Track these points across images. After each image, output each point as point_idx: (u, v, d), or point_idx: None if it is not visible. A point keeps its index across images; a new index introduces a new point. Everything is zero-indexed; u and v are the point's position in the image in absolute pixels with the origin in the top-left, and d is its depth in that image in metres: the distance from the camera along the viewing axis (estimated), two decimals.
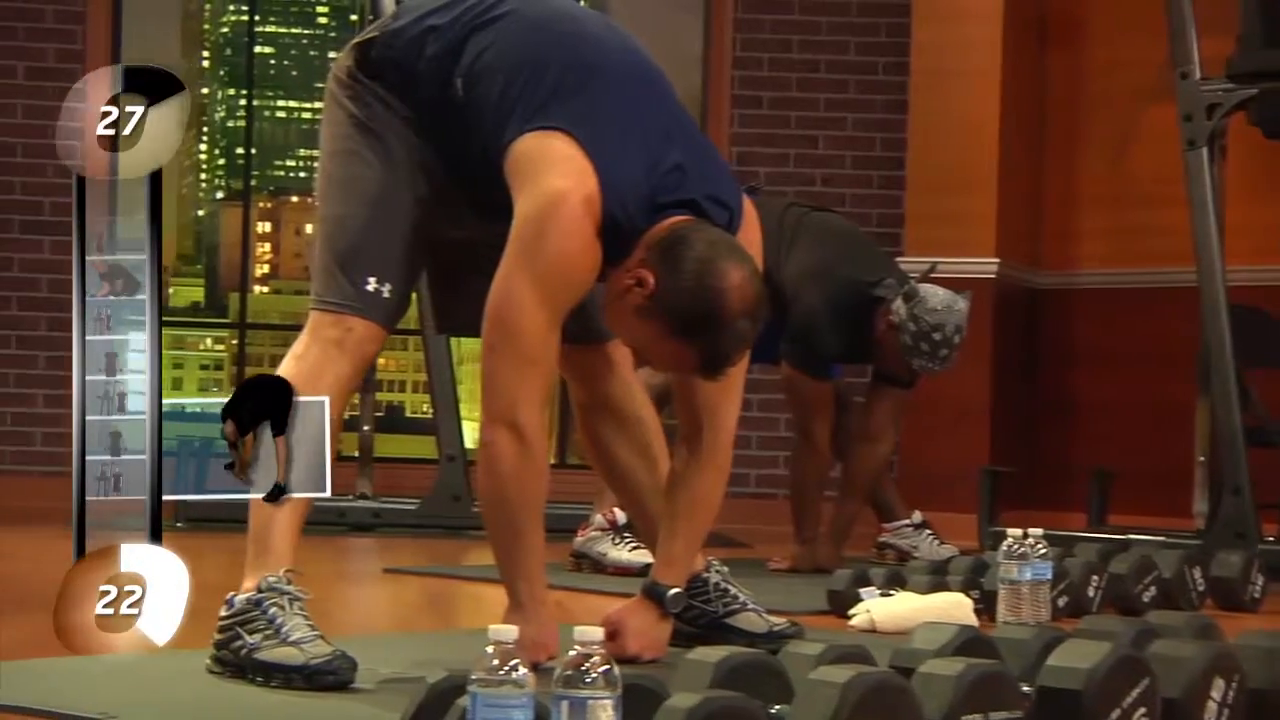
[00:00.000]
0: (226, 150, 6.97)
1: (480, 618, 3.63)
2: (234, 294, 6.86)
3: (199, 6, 6.93)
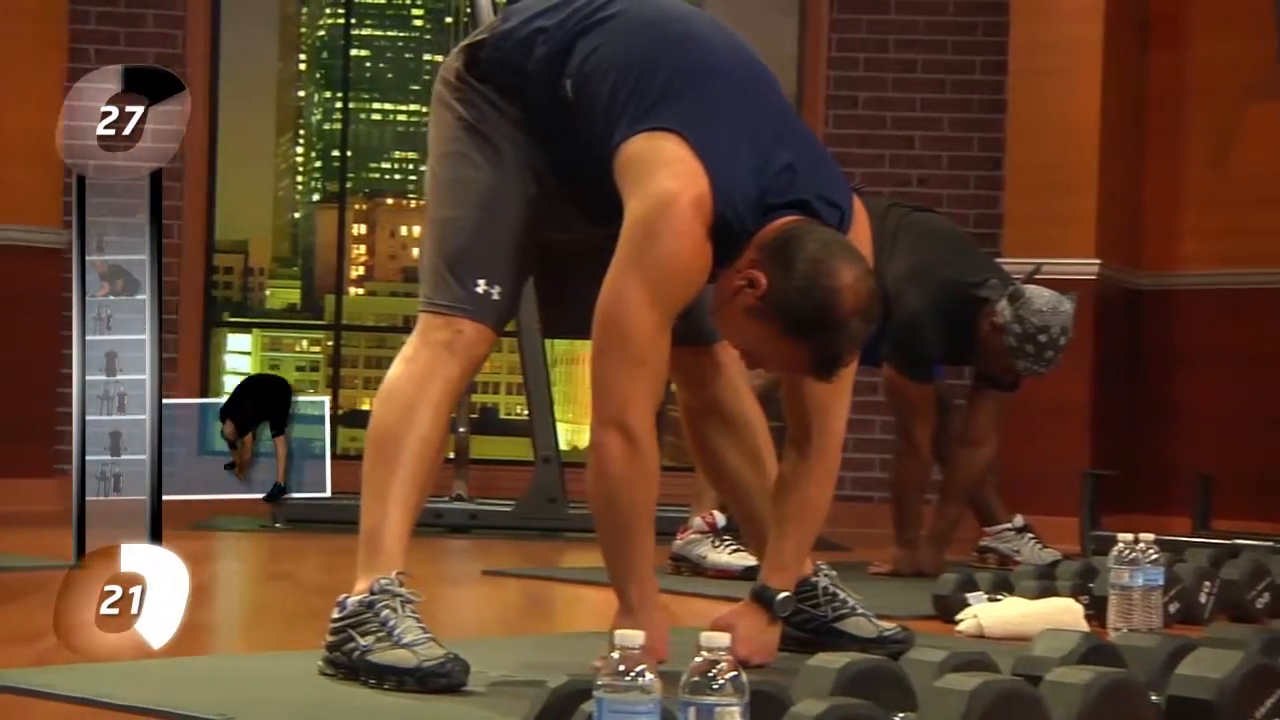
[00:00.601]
0: (322, 153, 7.02)
1: (583, 620, 3.63)
2: (329, 296, 6.90)
3: (296, 10, 6.98)
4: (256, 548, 5.05)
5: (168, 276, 6.48)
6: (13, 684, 2.38)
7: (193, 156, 6.51)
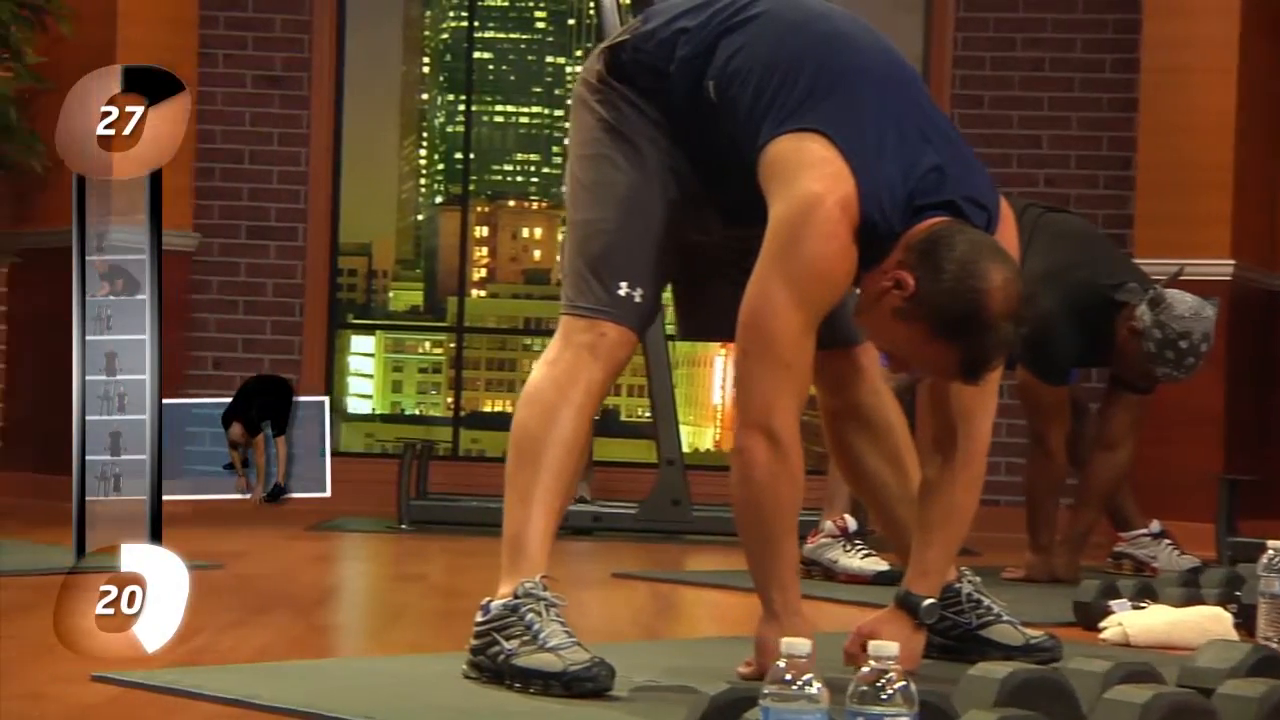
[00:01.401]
0: (445, 155, 7.05)
1: (718, 625, 3.61)
2: (452, 298, 6.93)
3: (420, 13, 7.02)
4: (383, 549, 5.07)
5: (294, 279, 6.55)
6: (162, 684, 2.40)
7: (317, 160, 6.57)
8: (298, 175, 6.57)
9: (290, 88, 6.55)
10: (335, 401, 6.73)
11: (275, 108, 6.55)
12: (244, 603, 3.49)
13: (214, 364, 6.53)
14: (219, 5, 6.45)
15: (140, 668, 2.53)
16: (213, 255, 6.47)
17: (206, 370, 6.50)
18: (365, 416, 6.92)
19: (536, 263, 7.43)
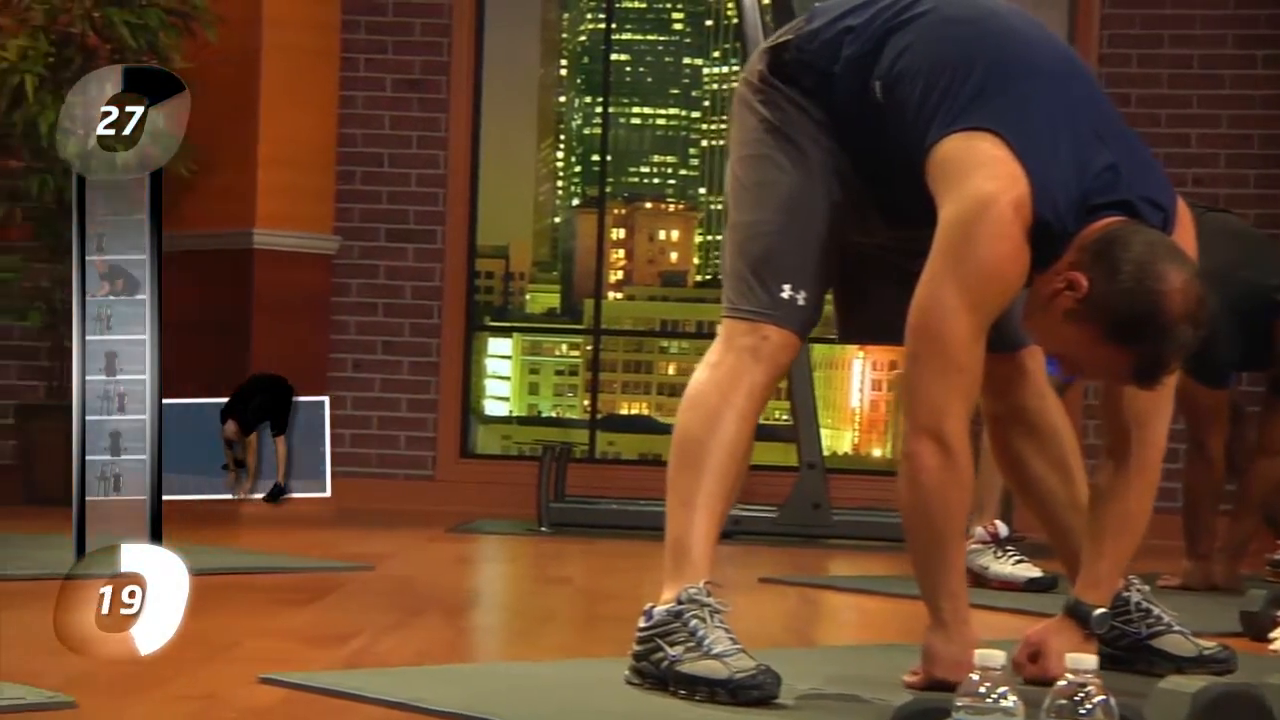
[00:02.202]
0: (582, 157, 7.05)
1: (872, 632, 3.56)
2: (588, 300, 6.92)
3: (557, 16, 7.03)
4: (525, 551, 5.07)
5: (432, 281, 6.59)
6: (327, 686, 2.41)
7: (455, 162, 6.60)
8: (436, 178, 6.61)
9: (429, 91, 6.59)
10: (472, 404, 6.75)
11: (414, 111, 6.59)
12: (397, 605, 3.50)
13: (354, 365, 6.58)
14: (360, 10, 6.50)
15: (304, 669, 2.55)
16: (353, 258, 6.53)
17: (346, 372, 6.56)
18: (502, 419, 6.94)
19: (673, 265, 7.41)
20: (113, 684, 2.42)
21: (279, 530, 5.31)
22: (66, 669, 2.50)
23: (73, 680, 2.39)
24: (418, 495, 6.52)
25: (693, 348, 7.47)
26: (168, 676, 2.49)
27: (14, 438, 5.98)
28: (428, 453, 6.62)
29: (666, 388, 7.28)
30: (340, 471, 6.48)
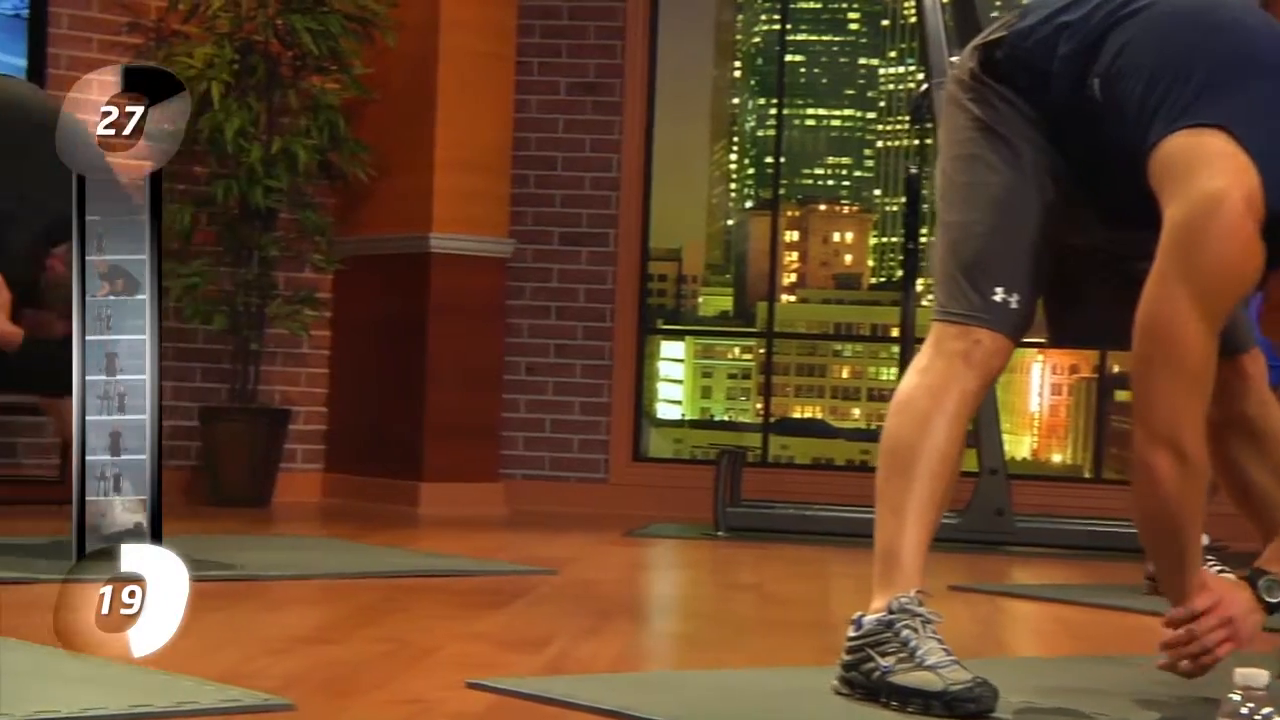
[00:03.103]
0: (756, 159, 7.01)
1: (1074, 642, 3.48)
2: (762, 303, 6.89)
3: (731, 18, 6.99)
4: (705, 556, 5.04)
5: (605, 284, 6.59)
6: (535, 692, 2.40)
7: (629, 165, 6.60)
8: (609, 181, 6.61)
9: (603, 94, 6.59)
10: (644, 407, 6.74)
11: (588, 114, 6.60)
12: (589, 609, 3.49)
13: (526, 369, 6.61)
14: (535, 14, 6.52)
15: (506, 674, 2.54)
16: (526, 261, 6.55)
17: (519, 375, 6.58)
18: (674, 422, 6.92)
19: (847, 267, 7.34)
20: (326, 687, 2.43)
21: (456, 532, 5.34)
22: (277, 671, 2.53)
23: (285, 682, 2.41)
24: (590, 498, 6.53)
25: (867, 351, 7.41)
26: (378, 680, 2.50)
27: (199, 439, 6.08)
28: (600, 456, 6.62)
29: (840, 391, 7.22)
30: (513, 474, 6.53)
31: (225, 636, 2.89)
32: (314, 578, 3.76)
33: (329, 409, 6.49)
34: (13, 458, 5.82)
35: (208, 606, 3.17)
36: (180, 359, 6.17)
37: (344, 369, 6.46)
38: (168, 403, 6.14)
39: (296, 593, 3.53)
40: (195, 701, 2.19)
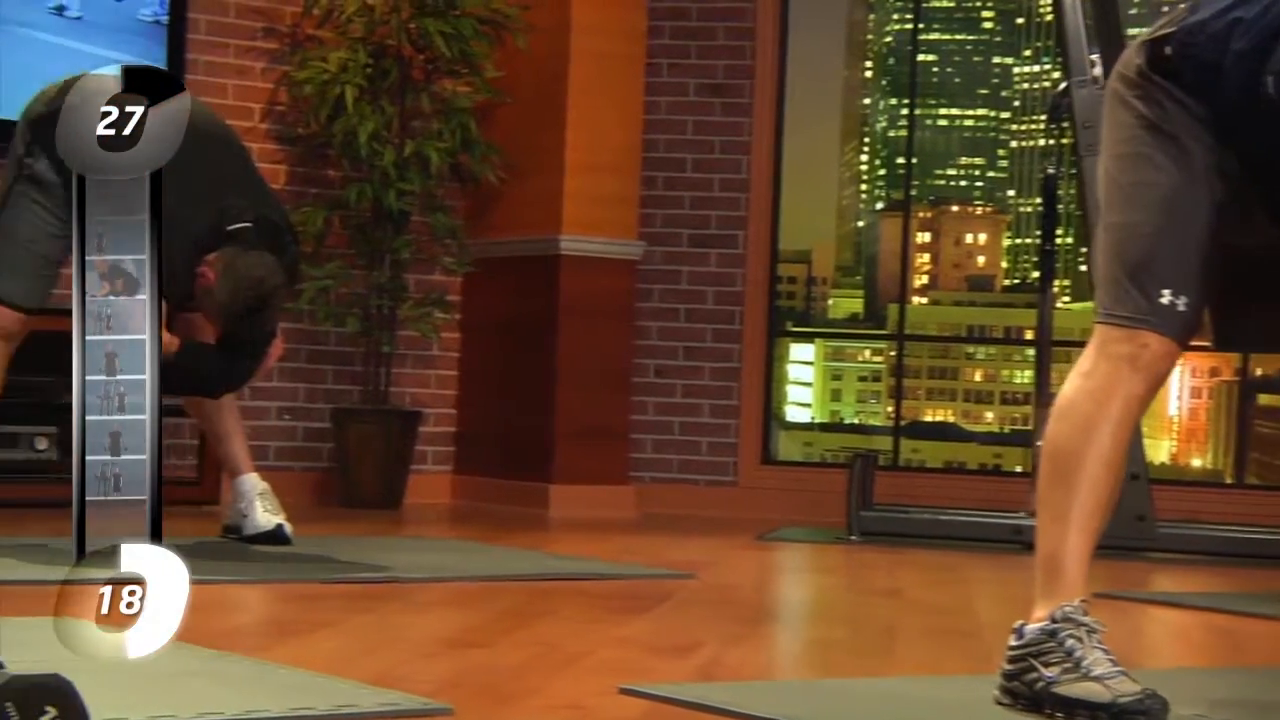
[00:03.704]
0: (887, 160, 6.95)
1: (1236, 654, 3.39)
2: (892, 305, 6.82)
3: (863, 17, 6.93)
4: (841, 561, 4.99)
5: (734, 286, 6.55)
6: (691, 699, 2.37)
7: (758, 166, 6.56)
8: (738, 183, 6.58)
9: (732, 95, 6.56)
10: (774, 409, 6.70)
11: (717, 115, 6.57)
12: (731, 615, 3.46)
13: (655, 372, 6.59)
14: (665, 15, 6.50)
15: (658, 680, 2.52)
16: (655, 263, 6.53)
17: (648, 378, 6.57)
18: (803, 425, 6.87)
19: (980, 269, 7.25)
20: (482, 691, 2.42)
21: (586, 535, 5.33)
22: (430, 674, 2.52)
23: (440, 686, 2.40)
24: (719, 501, 6.50)
25: (1000, 354, 7.31)
26: (532, 685, 2.49)
27: (331, 441, 6.13)
28: (729, 458, 6.59)
29: (972, 394, 7.12)
30: (641, 476, 6.51)
31: (375, 639, 2.90)
32: (455, 580, 3.76)
33: (458, 411, 6.51)
34: None
35: (355, 609, 3.19)
36: (312, 361, 6.22)
37: (473, 371, 6.48)
38: (300, 404, 6.19)
39: (439, 595, 3.54)
40: (355, 705, 2.19)
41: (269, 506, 4.32)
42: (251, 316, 3.80)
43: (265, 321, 3.87)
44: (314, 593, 3.44)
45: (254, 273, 3.76)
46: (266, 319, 3.86)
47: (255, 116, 6.07)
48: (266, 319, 3.86)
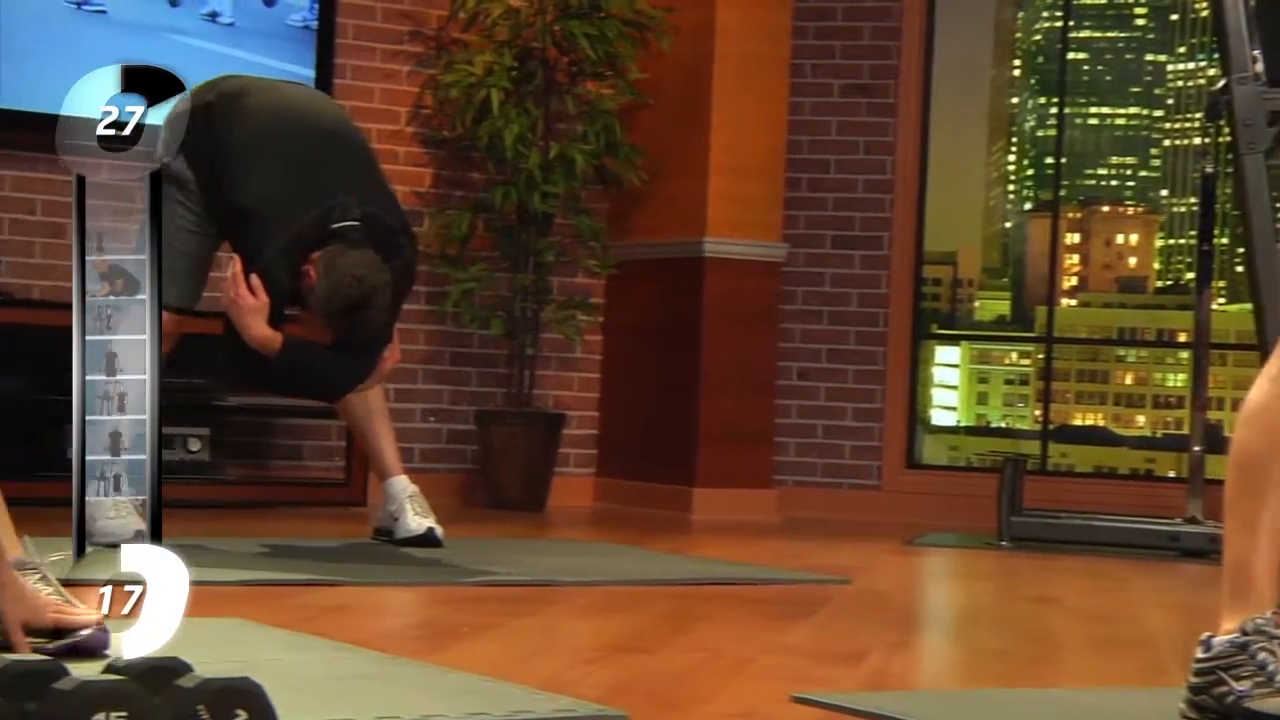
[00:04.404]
0: (1035, 160, 6.83)
1: None
2: (1040, 307, 6.71)
3: (1012, 15, 6.83)
4: (993, 567, 4.91)
5: (878, 289, 6.48)
6: (867, 708, 2.32)
7: (903, 168, 6.48)
8: (883, 184, 6.51)
9: (877, 95, 6.49)
10: (919, 413, 6.62)
11: (862, 116, 6.51)
12: (892, 621, 3.41)
13: (798, 374, 6.54)
14: (810, 15, 6.45)
15: (827, 688, 2.48)
16: (798, 265, 6.48)
17: (790, 381, 6.52)
18: (949, 429, 6.77)
19: (1132, 270, 7.11)
20: (653, 697, 2.40)
21: (732, 538, 5.29)
22: (598, 680, 2.50)
23: (610, 692, 2.37)
24: (862, 505, 6.43)
25: (1152, 357, 7.17)
26: (703, 693, 2.46)
27: (475, 443, 6.15)
28: (873, 462, 6.52)
29: (1123, 398, 6.99)
30: (785, 480, 6.46)
31: (538, 643, 2.88)
32: (611, 584, 3.74)
33: (601, 413, 6.50)
34: (299, 459, 5.96)
35: (514, 612, 3.18)
36: (455, 363, 6.25)
37: (616, 374, 6.47)
38: (444, 406, 6.21)
39: (595, 599, 3.52)
40: (530, 711, 2.17)
41: (419, 509, 4.33)
42: (352, 315, 3.69)
43: (368, 322, 3.73)
44: (470, 596, 3.44)
45: (355, 270, 3.67)
46: (369, 319, 3.72)
47: (401, 120, 6.11)
48: (369, 319, 3.72)
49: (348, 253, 3.69)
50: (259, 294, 3.73)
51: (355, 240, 3.73)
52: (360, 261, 3.68)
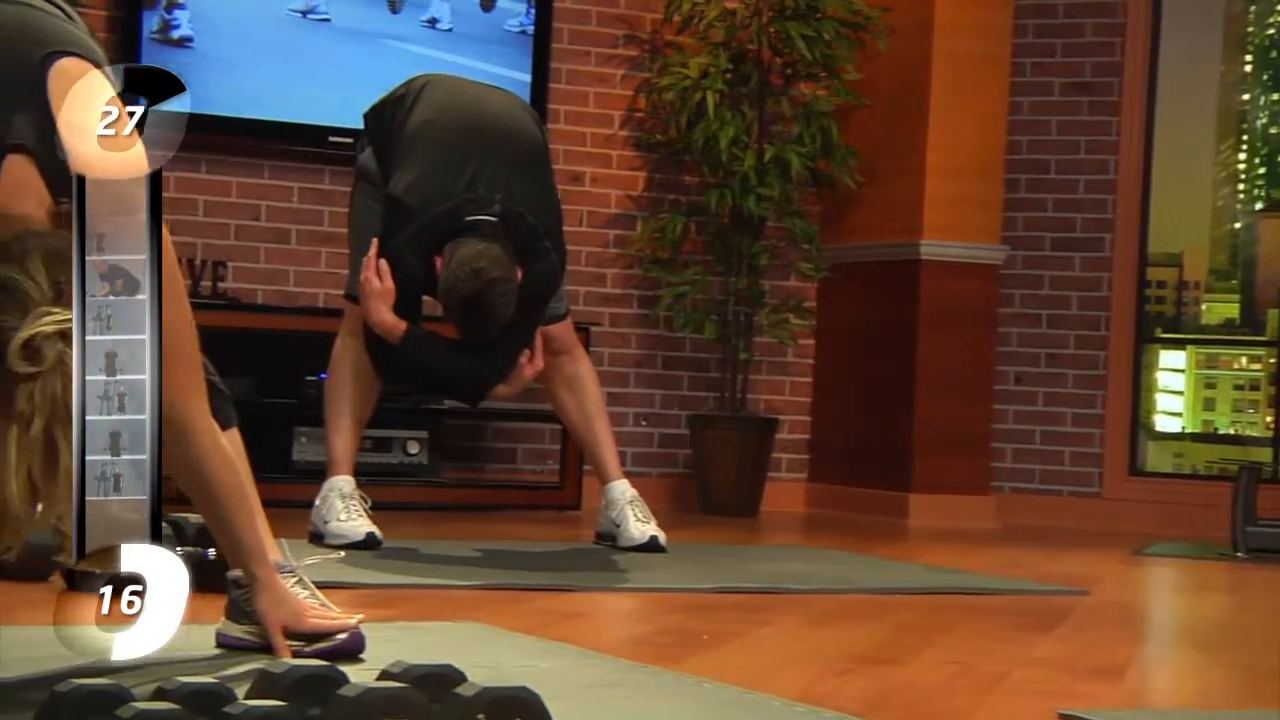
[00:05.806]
0: (1267, 158, 6.58)
1: None
2: (1272, 310, 6.47)
3: (1243, 8, 6.59)
4: (1232, 579, 4.73)
5: (1099, 292, 6.31)
6: None
7: (1126, 167, 6.31)
8: (1105, 184, 6.34)
9: (1099, 94, 6.32)
10: (1142, 419, 6.42)
11: (1083, 115, 6.35)
12: (1141, 635, 3.29)
13: (1015, 379, 6.40)
14: (1030, 14, 6.31)
15: (1088, 705, 2.38)
16: (1016, 268, 6.34)
17: (1008, 385, 6.38)
18: (1174, 435, 6.55)
19: None
20: (912, 712, 2.33)
21: (952, 546, 5.17)
22: (853, 692, 2.43)
23: (867, 705, 2.31)
24: (1082, 513, 6.27)
25: None
26: (963, 707, 2.38)
27: (688, 447, 6.11)
28: (1093, 469, 6.35)
29: None
30: (1002, 487, 6.32)
31: (784, 652, 2.83)
32: (840, 591, 3.67)
33: (813, 418, 6.43)
34: (512, 463, 5.98)
35: (753, 620, 3.12)
36: (667, 367, 6.22)
37: (828, 378, 6.39)
38: (656, 410, 6.19)
39: (831, 606, 3.45)
40: None
41: (640, 514, 4.29)
42: (469, 309, 3.57)
43: (486, 319, 3.59)
44: (704, 602, 3.39)
45: (474, 263, 3.54)
46: (487, 315, 3.58)
47: (615, 124, 6.10)
48: (487, 315, 3.58)
49: (474, 245, 3.58)
50: (385, 279, 3.70)
51: (487, 234, 3.61)
52: (482, 254, 3.56)
